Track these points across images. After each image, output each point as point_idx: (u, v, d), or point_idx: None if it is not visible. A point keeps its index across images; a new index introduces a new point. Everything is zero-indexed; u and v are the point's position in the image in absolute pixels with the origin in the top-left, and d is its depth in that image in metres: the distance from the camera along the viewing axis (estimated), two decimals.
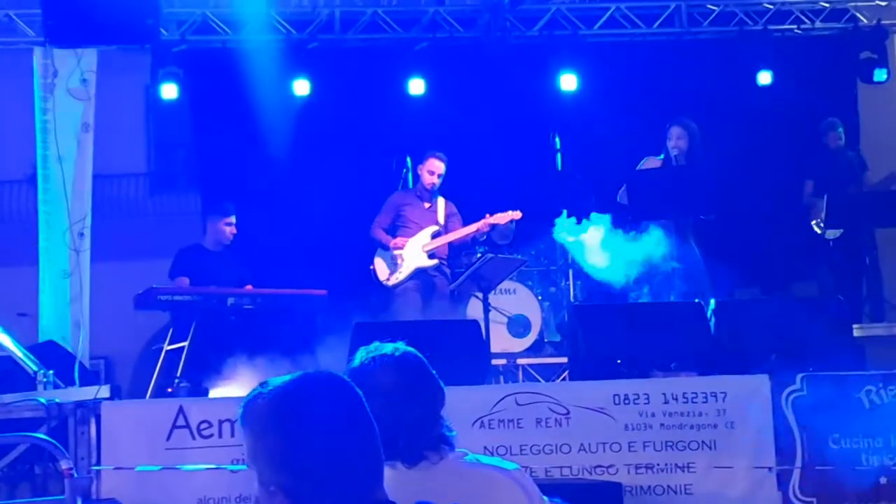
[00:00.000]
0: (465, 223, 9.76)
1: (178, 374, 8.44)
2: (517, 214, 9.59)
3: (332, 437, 2.16)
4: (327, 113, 10.98)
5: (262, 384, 2.24)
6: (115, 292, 9.93)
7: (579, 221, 9.34)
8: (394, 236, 9.75)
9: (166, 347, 8.80)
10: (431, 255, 9.71)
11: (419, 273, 9.67)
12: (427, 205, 9.84)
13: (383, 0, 11.26)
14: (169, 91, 10.55)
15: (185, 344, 8.57)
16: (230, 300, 8.82)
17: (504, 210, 9.53)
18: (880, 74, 11.22)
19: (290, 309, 9.02)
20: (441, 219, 9.82)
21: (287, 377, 2.24)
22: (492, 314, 9.12)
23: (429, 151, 9.79)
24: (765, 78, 11.11)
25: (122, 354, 13.55)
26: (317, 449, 2.14)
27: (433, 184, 9.78)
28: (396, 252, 9.65)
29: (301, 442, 2.14)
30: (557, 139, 10.97)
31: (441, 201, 9.89)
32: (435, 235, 9.76)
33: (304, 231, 10.88)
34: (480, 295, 9.20)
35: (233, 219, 9.68)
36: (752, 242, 11.10)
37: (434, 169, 9.73)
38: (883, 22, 11.34)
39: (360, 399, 2.25)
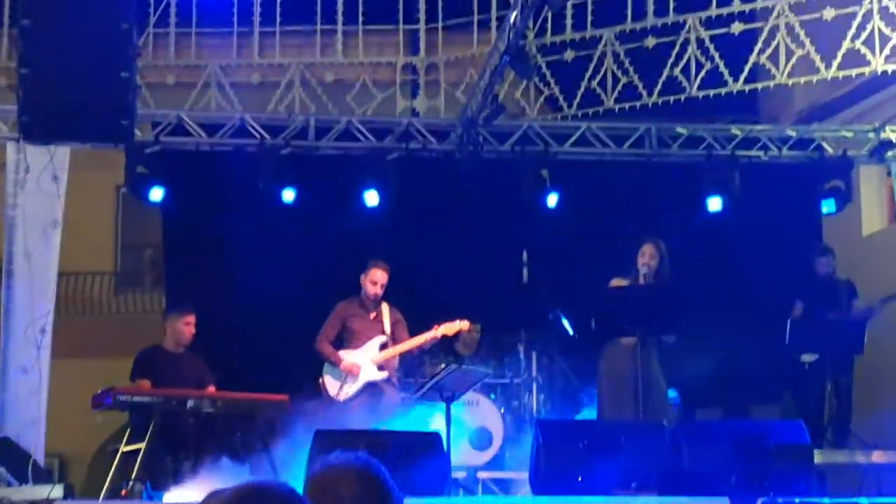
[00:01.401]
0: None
1: (134, 477, 8.30)
2: (465, 325, 9.65)
3: None
4: (296, 218, 11.00)
5: (209, 494, 2.20)
6: (74, 389, 9.82)
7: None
8: (340, 347, 9.74)
9: (123, 448, 8.67)
10: (381, 368, 9.69)
11: (368, 385, 9.66)
12: (373, 315, 9.84)
13: (358, 109, 11.39)
14: (156, 195, 10.61)
15: (143, 445, 8.45)
16: (190, 402, 8.70)
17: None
18: (829, 205, 11.27)
19: (251, 414, 8.93)
20: (387, 328, 9.82)
21: (232, 488, 2.20)
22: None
23: (371, 261, 9.79)
24: (715, 204, 11.10)
25: (77, 453, 13.40)
26: None
27: (376, 294, 9.78)
28: (350, 374, 9.61)
29: None
30: (525, 253, 11.03)
31: (385, 308, 9.88)
32: (382, 346, 9.75)
33: (268, 334, 10.80)
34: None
35: (192, 318, 9.58)
36: (718, 364, 11.10)
37: (377, 279, 9.74)
38: (849, 153, 11.53)
39: None
